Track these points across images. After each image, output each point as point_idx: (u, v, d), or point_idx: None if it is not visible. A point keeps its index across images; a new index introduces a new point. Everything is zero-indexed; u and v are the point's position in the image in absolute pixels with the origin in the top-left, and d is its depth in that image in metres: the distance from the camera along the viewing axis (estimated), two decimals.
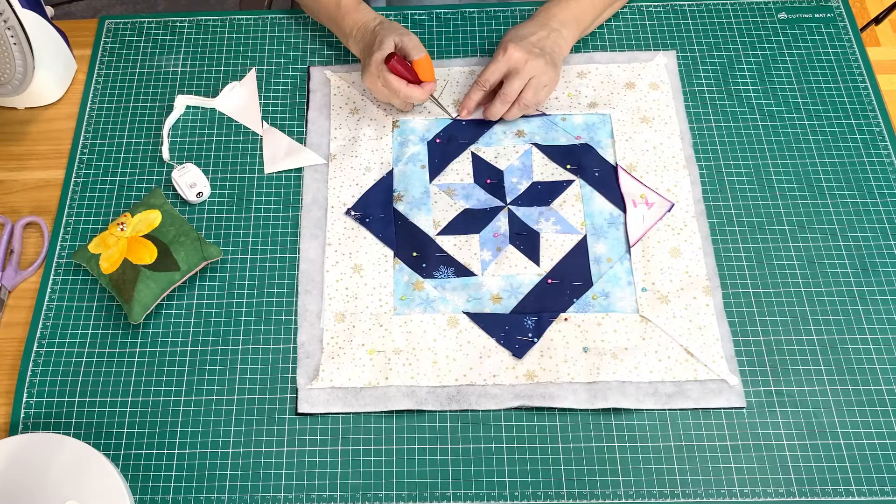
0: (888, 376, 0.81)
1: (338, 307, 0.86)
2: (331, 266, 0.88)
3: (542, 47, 0.92)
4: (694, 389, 0.80)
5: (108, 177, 0.95)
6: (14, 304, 0.88)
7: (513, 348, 0.83)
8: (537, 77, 0.91)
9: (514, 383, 0.81)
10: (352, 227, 0.90)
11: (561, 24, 0.95)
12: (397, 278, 0.87)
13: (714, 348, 0.82)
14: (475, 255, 0.88)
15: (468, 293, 0.86)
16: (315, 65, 1.02)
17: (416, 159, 0.94)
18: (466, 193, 0.92)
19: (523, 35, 0.93)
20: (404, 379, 0.81)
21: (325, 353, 0.83)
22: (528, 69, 0.90)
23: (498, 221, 0.90)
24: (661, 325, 0.83)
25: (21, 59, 0.90)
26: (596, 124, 0.96)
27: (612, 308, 0.85)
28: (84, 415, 0.82)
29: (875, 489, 0.77)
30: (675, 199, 0.90)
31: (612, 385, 0.80)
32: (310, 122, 0.98)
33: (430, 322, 0.84)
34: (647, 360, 0.81)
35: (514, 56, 0.90)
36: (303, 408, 0.81)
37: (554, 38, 0.93)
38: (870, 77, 0.99)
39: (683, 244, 0.88)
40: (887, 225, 0.89)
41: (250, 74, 1.01)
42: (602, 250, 0.88)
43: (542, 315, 0.84)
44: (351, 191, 0.92)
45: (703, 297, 0.85)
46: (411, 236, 0.89)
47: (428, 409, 0.80)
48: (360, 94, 0.99)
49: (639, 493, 0.77)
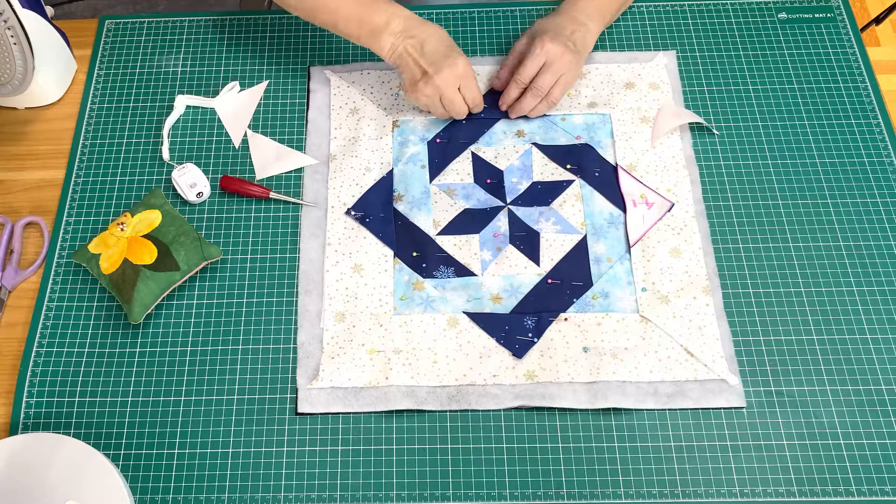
0: (888, 376, 0.81)
1: (338, 307, 0.86)
2: (331, 266, 0.88)
3: (575, 42, 0.92)
4: (694, 389, 0.80)
5: (108, 177, 0.95)
6: (14, 304, 0.88)
7: (513, 348, 0.83)
8: (566, 74, 0.91)
9: (514, 383, 0.81)
10: (352, 227, 0.90)
11: (588, 18, 0.94)
12: (397, 278, 0.87)
13: (714, 348, 0.82)
14: (475, 255, 0.88)
15: (468, 293, 0.86)
16: (315, 65, 1.02)
17: (416, 159, 0.94)
18: (466, 193, 0.92)
19: (558, 28, 0.92)
20: (404, 379, 0.81)
21: (326, 353, 0.83)
22: (561, 65, 0.90)
23: (498, 221, 0.90)
24: (660, 325, 0.83)
25: (21, 59, 0.90)
26: (596, 124, 0.96)
27: (612, 308, 0.85)
28: (84, 415, 0.82)
29: (875, 489, 0.77)
30: (676, 199, 0.90)
31: (613, 385, 0.80)
32: (310, 122, 0.98)
33: (430, 322, 0.84)
34: (647, 360, 0.81)
35: (551, 50, 0.90)
36: (303, 408, 0.81)
37: (583, 33, 0.93)
38: (870, 77, 0.99)
39: (683, 244, 0.88)
40: (887, 225, 0.89)
41: (260, 86, 1.00)
42: (602, 250, 0.88)
43: (542, 315, 0.84)
44: (351, 191, 0.92)
45: (703, 297, 0.85)
46: (411, 236, 0.89)
47: (428, 409, 0.80)
48: (359, 94, 0.99)
49: (639, 493, 0.77)
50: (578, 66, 0.92)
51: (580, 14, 0.94)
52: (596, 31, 0.95)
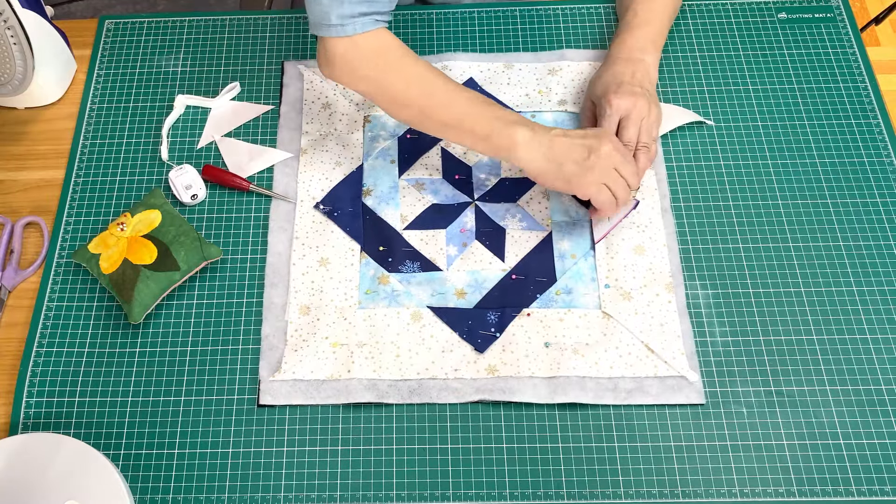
0: (888, 376, 0.81)
1: (303, 300, 0.86)
2: (297, 259, 0.88)
3: (640, 84, 0.89)
4: (653, 385, 0.81)
5: (108, 177, 0.95)
6: (14, 304, 0.89)
7: (475, 343, 0.83)
8: (646, 119, 0.87)
9: (475, 377, 0.81)
10: (320, 221, 0.91)
11: (642, 52, 0.92)
12: (363, 272, 0.87)
13: (674, 345, 0.82)
14: (441, 251, 0.88)
15: (433, 288, 0.86)
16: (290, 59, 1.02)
17: (386, 154, 0.95)
18: (435, 188, 0.93)
19: (617, 78, 0.89)
20: (366, 372, 0.82)
21: (289, 346, 0.83)
22: (638, 113, 0.87)
23: (465, 217, 0.91)
24: (622, 321, 0.83)
25: (21, 59, 0.90)
26: (565, 122, 0.96)
27: (575, 304, 0.85)
28: (84, 415, 0.82)
29: (875, 489, 0.77)
30: (641, 197, 0.91)
31: (573, 380, 0.81)
32: (282, 116, 0.98)
33: (393, 316, 0.85)
34: (607, 356, 0.82)
35: (621, 105, 0.87)
36: (265, 399, 0.81)
37: (643, 70, 0.90)
38: (870, 77, 0.99)
39: (648, 241, 0.88)
40: (887, 225, 0.89)
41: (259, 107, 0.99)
42: (567, 247, 0.88)
43: (504, 310, 0.85)
44: (321, 185, 0.93)
45: (666, 294, 0.85)
46: (378, 230, 0.90)
47: (387, 403, 0.81)
48: (332, 89, 0.99)
49: (638, 492, 0.77)
50: (654, 103, 0.89)
51: (633, 53, 0.91)
52: (654, 61, 0.92)
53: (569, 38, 1.03)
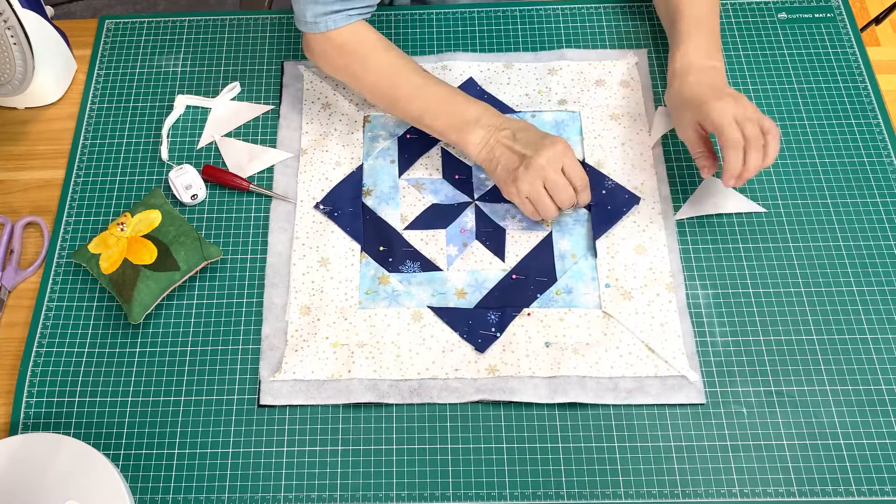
0: (888, 376, 0.81)
1: (303, 300, 0.86)
2: (298, 259, 0.88)
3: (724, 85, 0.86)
4: (654, 385, 0.81)
5: (108, 177, 0.95)
6: (14, 304, 0.89)
7: (475, 343, 0.83)
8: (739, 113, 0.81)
9: (475, 377, 0.81)
10: (320, 221, 0.91)
11: (709, 58, 0.88)
12: (363, 272, 0.87)
13: (675, 345, 0.82)
14: (441, 251, 0.88)
15: (433, 288, 0.86)
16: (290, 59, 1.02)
17: (386, 154, 0.95)
18: (435, 188, 0.93)
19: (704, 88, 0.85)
20: (367, 372, 0.82)
21: (289, 346, 0.83)
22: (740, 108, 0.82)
23: (465, 217, 0.91)
24: (622, 320, 0.83)
25: (21, 59, 0.90)
26: (565, 121, 0.96)
27: (576, 304, 0.85)
28: (84, 415, 0.82)
29: (875, 489, 0.77)
30: (643, 196, 0.91)
31: (573, 380, 0.81)
32: (282, 116, 0.98)
33: (394, 316, 0.85)
34: (607, 356, 0.82)
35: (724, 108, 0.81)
36: (265, 399, 0.81)
37: (719, 74, 0.87)
38: (870, 77, 0.99)
39: (648, 241, 0.88)
40: (887, 225, 0.89)
41: (259, 107, 0.99)
42: (567, 246, 0.88)
43: (505, 310, 0.85)
44: (321, 185, 0.93)
45: (666, 294, 0.85)
46: (379, 230, 0.90)
47: (388, 403, 0.81)
48: (332, 88, 0.99)
49: (638, 492, 0.77)
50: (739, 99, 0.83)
51: (704, 62, 0.88)
52: (722, 66, 0.89)
53: (568, 38, 1.03)
